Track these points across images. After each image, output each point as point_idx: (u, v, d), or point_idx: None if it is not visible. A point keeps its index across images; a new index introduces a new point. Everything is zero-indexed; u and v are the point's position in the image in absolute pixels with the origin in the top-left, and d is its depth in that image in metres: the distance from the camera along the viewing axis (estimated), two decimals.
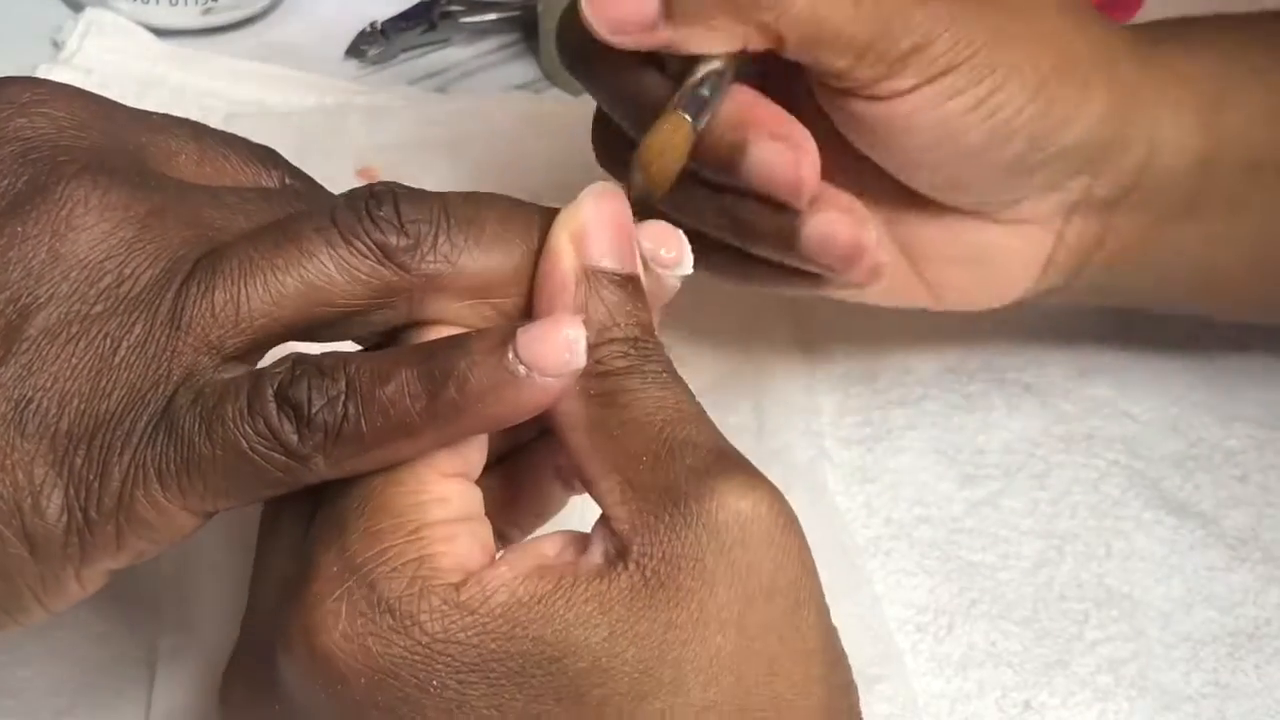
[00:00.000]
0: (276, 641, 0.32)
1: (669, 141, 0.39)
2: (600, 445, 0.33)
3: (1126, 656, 0.48)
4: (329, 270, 0.33)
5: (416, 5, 0.72)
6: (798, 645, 0.32)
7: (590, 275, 0.34)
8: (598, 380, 0.33)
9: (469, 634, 0.30)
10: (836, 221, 0.42)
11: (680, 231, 0.36)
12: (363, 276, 0.33)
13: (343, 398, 0.31)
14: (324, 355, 0.32)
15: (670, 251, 0.35)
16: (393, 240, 0.33)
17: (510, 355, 0.32)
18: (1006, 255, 0.47)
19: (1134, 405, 0.56)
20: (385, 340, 0.35)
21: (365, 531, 0.31)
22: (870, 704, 0.45)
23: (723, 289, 0.55)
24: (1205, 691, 0.47)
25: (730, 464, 0.32)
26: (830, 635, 0.33)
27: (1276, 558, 0.51)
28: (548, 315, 0.33)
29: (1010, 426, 0.55)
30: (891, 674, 0.46)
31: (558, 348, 0.32)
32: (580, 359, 0.32)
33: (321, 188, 0.38)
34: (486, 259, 0.34)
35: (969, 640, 0.48)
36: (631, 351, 0.33)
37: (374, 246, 0.33)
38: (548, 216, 0.35)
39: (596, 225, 0.34)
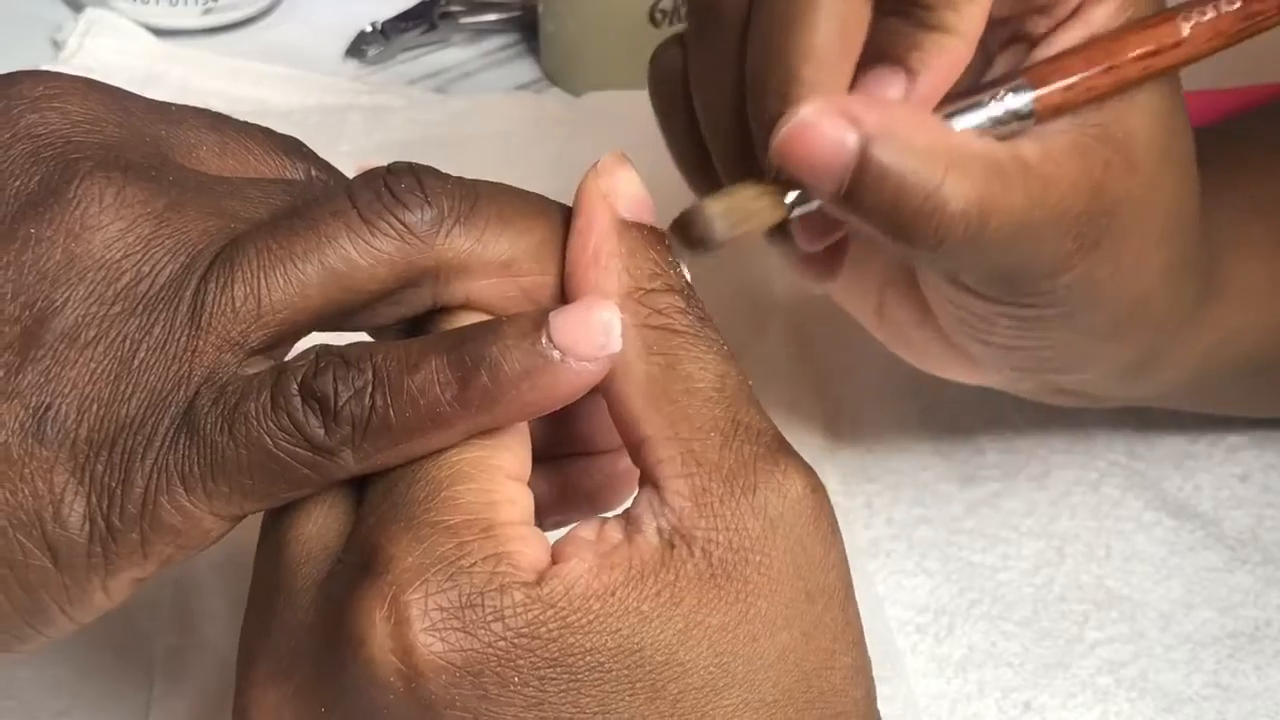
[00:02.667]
0: (339, 639, 0.30)
1: (758, 216, 0.36)
2: (660, 408, 0.32)
3: (1127, 658, 0.48)
4: (351, 254, 0.32)
5: (416, 5, 0.72)
6: (848, 638, 0.32)
7: (629, 228, 0.33)
8: (660, 336, 0.32)
9: (551, 628, 0.30)
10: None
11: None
12: (386, 257, 0.32)
13: (370, 388, 0.30)
14: (349, 346, 0.31)
15: None
16: (416, 214, 0.32)
17: (544, 339, 0.31)
18: (956, 369, 0.47)
19: (1134, 405, 0.56)
20: (410, 330, 0.34)
21: (439, 526, 0.30)
22: None
23: (723, 292, 0.55)
24: (1205, 693, 0.47)
25: (792, 456, 0.32)
26: (861, 627, 0.33)
27: (1276, 559, 0.51)
28: (589, 272, 0.33)
29: (1010, 426, 0.55)
30: (892, 675, 0.46)
31: (593, 330, 0.31)
32: (616, 342, 0.31)
33: (347, 179, 0.36)
34: (512, 233, 0.33)
35: (969, 641, 0.48)
36: (689, 310, 0.33)
37: (397, 223, 0.32)
38: (557, 205, 0.34)
39: (625, 182, 0.34)
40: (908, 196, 0.36)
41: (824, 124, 0.35)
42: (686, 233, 0.34)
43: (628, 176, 0.34)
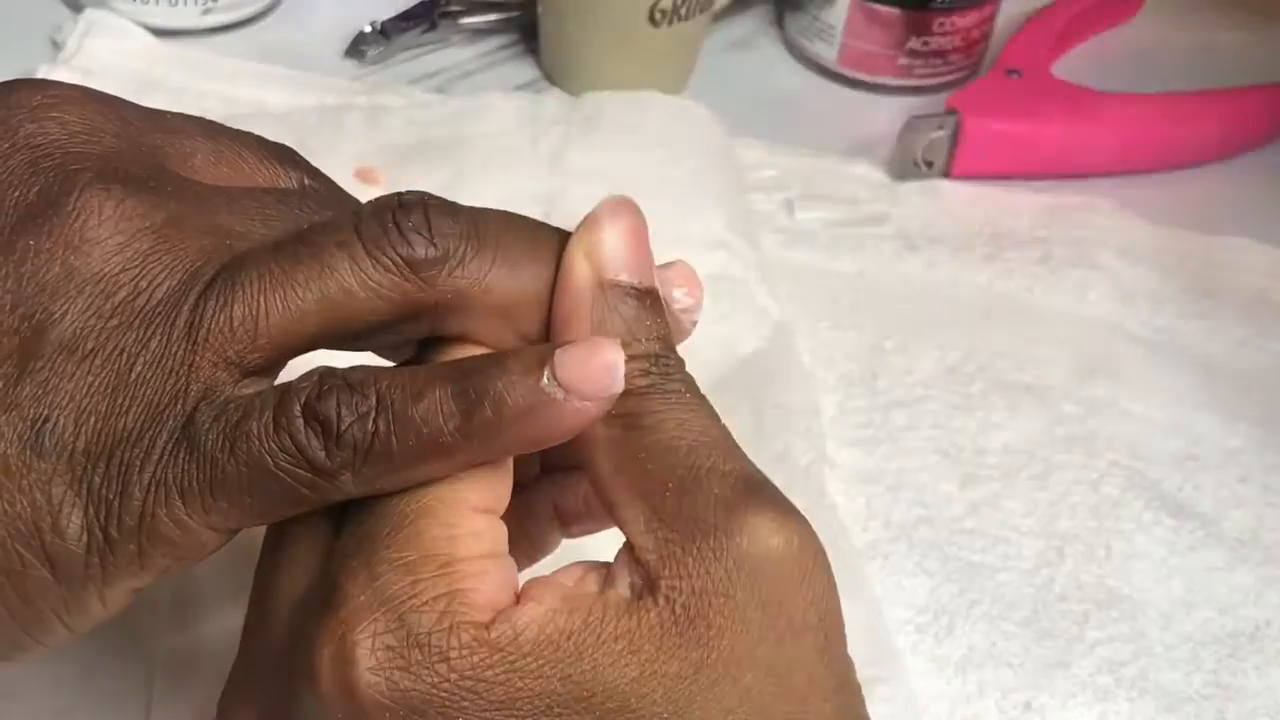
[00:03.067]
0: (296, 669, 0.31)
1: None
2: (623, 469, 0.32)
3: (1127, 657, 0.48)
4: (351, 286, 0.32)
5: (416, 5, 0.72)
6: (825, 682, 0.31)
7: (607, 289, 0.33)
8: (619, 400, 0.32)
9: (497, 672, 0.30)
10: None
11: (697, 274, 0.35)
12: (385, 292, 0.32)
13: (373, 414, 0.30)
14: (352, 369, 0.31)
15: (688, 295, 0.35)
16: (420, 253, 0.32)
17: (547, 377, 0.31)
18: None
19: (1134, 405, 0.56)
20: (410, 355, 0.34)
21: (396, 563, 0.30)
22: (870, 705, 0.44)
23: (720, 291, 0.55)
24: (1206, 692, 0.47)
25: (759, 495, 0.32)
26: (851, 667, 0.33)
27: (1277, 558, 0.51)
28: (564, 330, 0.33)
29: (1010, 426, 0.55)
30: (892, 675, 0.46)
31: (597, 371, 0.31)
32: (619, 383, 0.31)
33: (341, 189, 0.37)
34: (514, 280, 0.33)
35: (969, 641, 0.48)
36: (653, 369, 0.33)
37: (400, 261, 0.32)
38: (567, 240, 0.34)
39: (613, 238, 0.33)
40: None
41: None
42: None
43: (615, 231, 0.33)
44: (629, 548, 0.32)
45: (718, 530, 0.31)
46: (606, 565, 0.32)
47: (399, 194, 0.33)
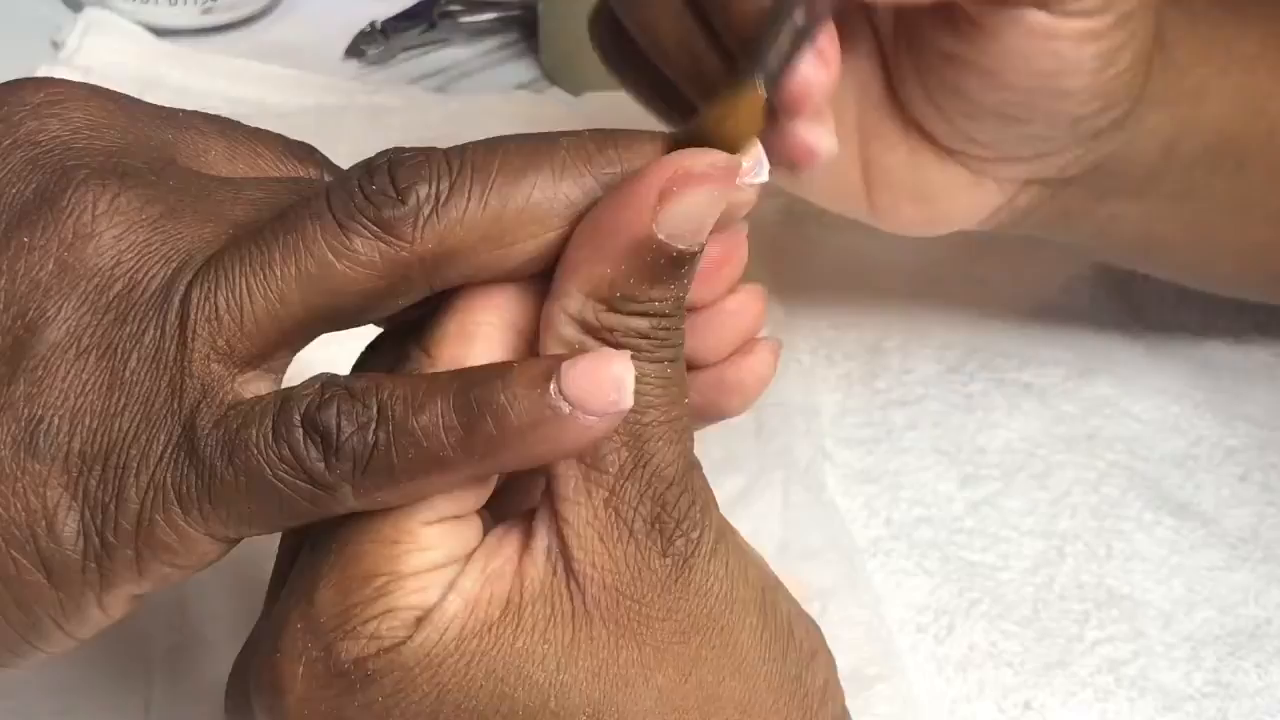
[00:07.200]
0: (245, 689, 0.32)
1: (744, 115, 0.35)
2: None
3: (1127, 657, 0.48)
4: (327, 258, 0.30)
5: (416, 4, 0.72)
6: (733, 669, 0.32)
7: (646, 245, 0.31)
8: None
9: (421, 683, 0.30)
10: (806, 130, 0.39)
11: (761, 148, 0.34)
12: (364, 258, 0.31)
13: (373, 425, 0.30)
14: (355, 377, 0.31)
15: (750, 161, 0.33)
16: (389, 212, 0.31)
17: (553, 390, 0.30)
18: (957, 201, 0.46)
19: (1134, 405, 0.56)
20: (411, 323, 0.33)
21: (333, 585, 0.31)
22: (870, 704, 0.45)
23: None
24: (1206, 691, 0.47)
25: (687, 494, 0.31)
26: (760, 656, 0.32)
27: (1277, 557, 0.51)
28: (599, 248, 0.31)
29: (1010, 426, 0.54)
30: (891, 674, 0.46)
31: (604, 386, 0.30)
32: (628, 399, 0.30)
33: (338, 173, 0.36)
34: (500, 197, 0.31)
35: (969, 641, 0.48)
36: (649, 334, 0.31)
37: (370, 225, 0.31)
38: (564, 147, 0.32)
39: (692, 202, 0.31)
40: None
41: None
42: None
43: (698, 195, 0.31)
44: (552, 502, 0.32)
45: (635, 526, 0.31)
46: (523, 525, 0.32)
47: (368, 159, 0.32)
